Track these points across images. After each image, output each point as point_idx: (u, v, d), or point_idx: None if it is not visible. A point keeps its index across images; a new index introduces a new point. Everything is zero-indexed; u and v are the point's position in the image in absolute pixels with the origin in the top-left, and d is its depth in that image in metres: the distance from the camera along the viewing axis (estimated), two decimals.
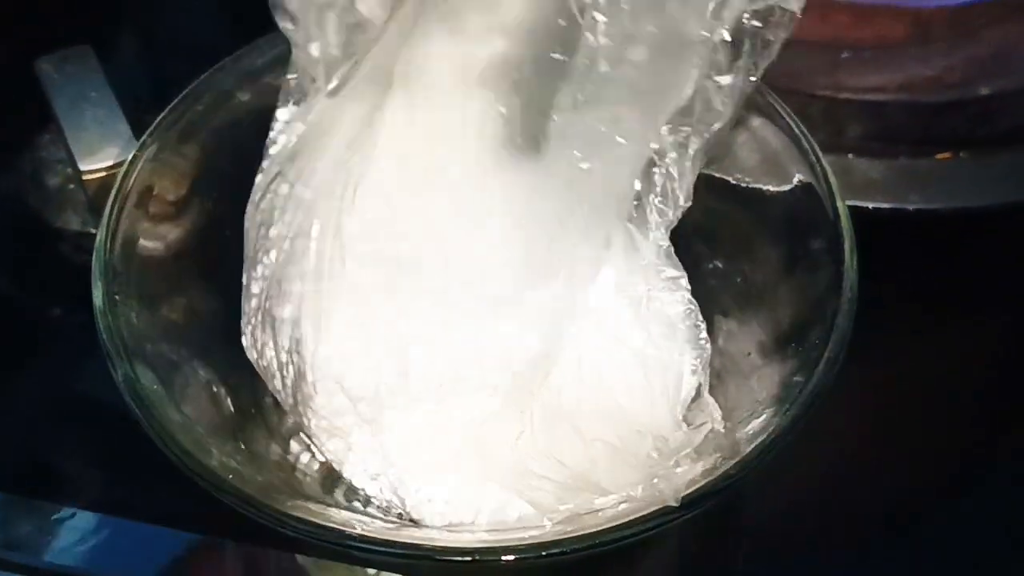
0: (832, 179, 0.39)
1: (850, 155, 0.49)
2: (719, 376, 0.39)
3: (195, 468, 0.33)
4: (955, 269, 0.48)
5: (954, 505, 0.43)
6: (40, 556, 0.40)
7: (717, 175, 0.42)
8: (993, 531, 0.42)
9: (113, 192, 0.39)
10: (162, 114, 0.41)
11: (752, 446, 0.33)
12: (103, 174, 0.47)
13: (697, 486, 0.33)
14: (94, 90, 0.50)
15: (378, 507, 0.38)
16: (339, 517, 0.35)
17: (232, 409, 0.39)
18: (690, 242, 0.42)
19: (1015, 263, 0.48)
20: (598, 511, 0.34)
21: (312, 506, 0.35)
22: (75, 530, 0.40)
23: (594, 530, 0.32)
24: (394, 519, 0.37)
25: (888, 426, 0.44)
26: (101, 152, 0.48)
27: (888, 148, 0.50)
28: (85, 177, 0.47)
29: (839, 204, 0.38)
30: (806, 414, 0.34)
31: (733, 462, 0.33)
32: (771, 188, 0.41)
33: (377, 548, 0.32)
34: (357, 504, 0.38)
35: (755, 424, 0.35)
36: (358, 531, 0.32)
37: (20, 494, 0.42)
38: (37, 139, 0.51)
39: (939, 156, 0.50)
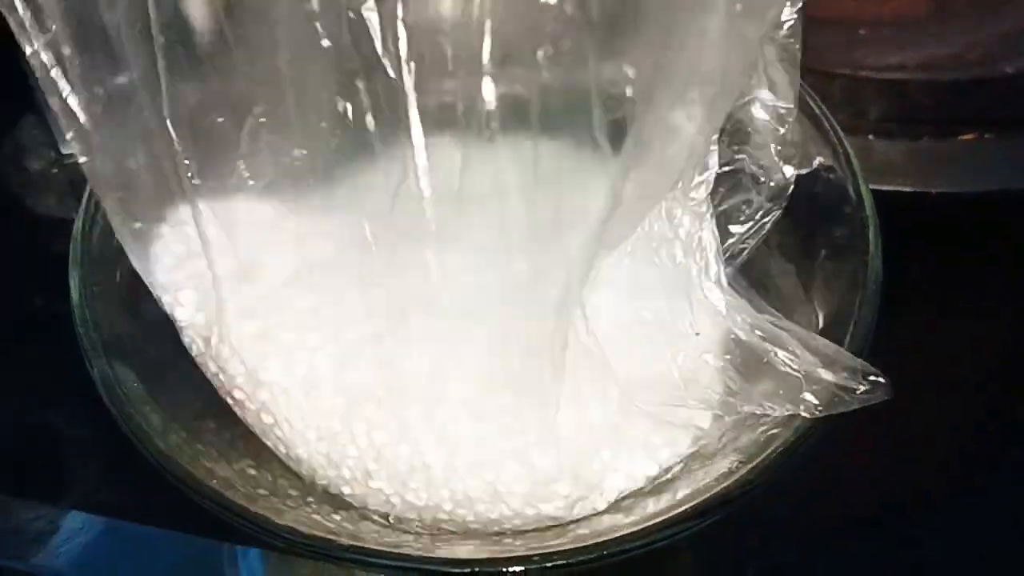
0: (855, 161, 0.37)
1: (870, 136, 0.48)
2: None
3: (175, 472, 0.31)
4: (980, 256, 0.47)
5: (961, 499, 0.42)
6: (27, 559, 0.39)
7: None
8: (1000, 525, 0.41)
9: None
10: None
11: (772, 448, 0.31)
12: None
13: (712, 492, 0.31)
14: None
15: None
16: (334, 521, 0.33)
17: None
18: None
19: None
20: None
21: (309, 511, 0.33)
22: (66, 531, 0.39)
23: (601, 540, 0.30)
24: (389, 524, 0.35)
25: (903, 416, 0.43)
26: None
27: (909, 129, 0.48)
28: (68, 161, 0.46)
29: (862, 188, 0.36)
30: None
31: (750, 466, 0.31)
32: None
33: (371, 560, 0.30)
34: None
35: (773, 425, 0.33)
36: (349, 542, 0.30)
37: (7, 494, 0.40)
38: (19, 122, 0.49)
39: (962, 137, 0.48)
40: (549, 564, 0.30)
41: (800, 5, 0.34)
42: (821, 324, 0.35)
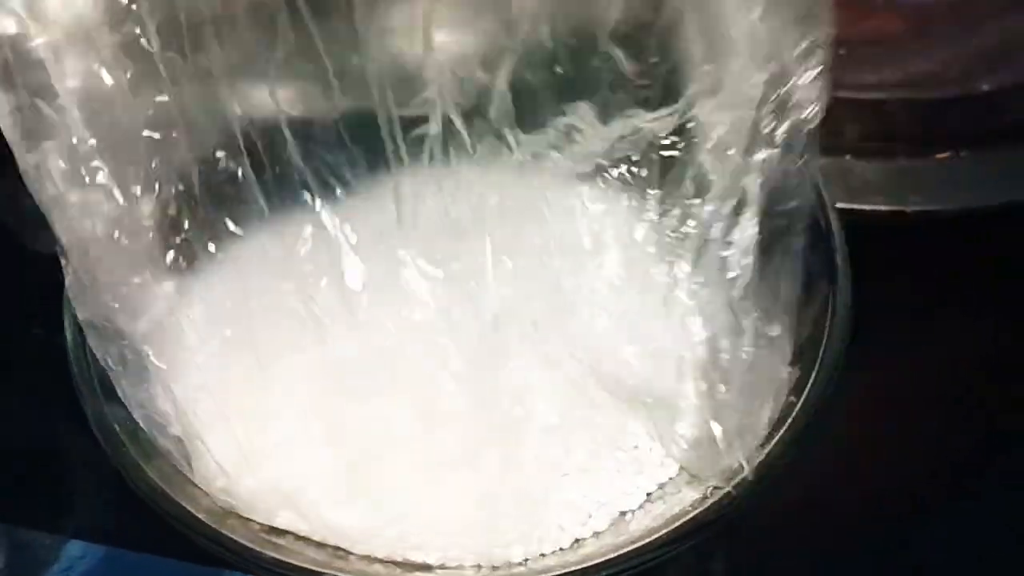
0: (823, 190, 0.37)
1: (848, 156, 0.48)
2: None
3: (169, 510, 0.31)
4: (956, 272, 0.47)
5: (953, 503, 0.42)
6: None
7: None
8: (990, 528, 0.41)
9: None
10: None
11: (745, 472, 0.32)
12: None
13: (690, 516, 0.32)
14: None
15: None
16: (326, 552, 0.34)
17: None
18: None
19: (1018, 264, 0.47)
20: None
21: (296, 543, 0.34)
22: (67, 560, 0.40)
23: (584, 566, 0.31)
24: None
25: (886, 430, 0.43)
26: None
27: (886, 148, 0.48)
28: None
29: (831, 215, 0.37)
30: (801, 438, 0.33)
31: (725, 490, 0.32)
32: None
33: None
34: None
35: (749, 449, 0.34)
36: (335, 573, 0.30)
37: (8, 522, 0.41)
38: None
39: (938, 155, 0.48)
40: None
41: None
42: (792, 351, 0.36)
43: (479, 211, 0.41)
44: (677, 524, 0.32)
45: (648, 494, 0.36)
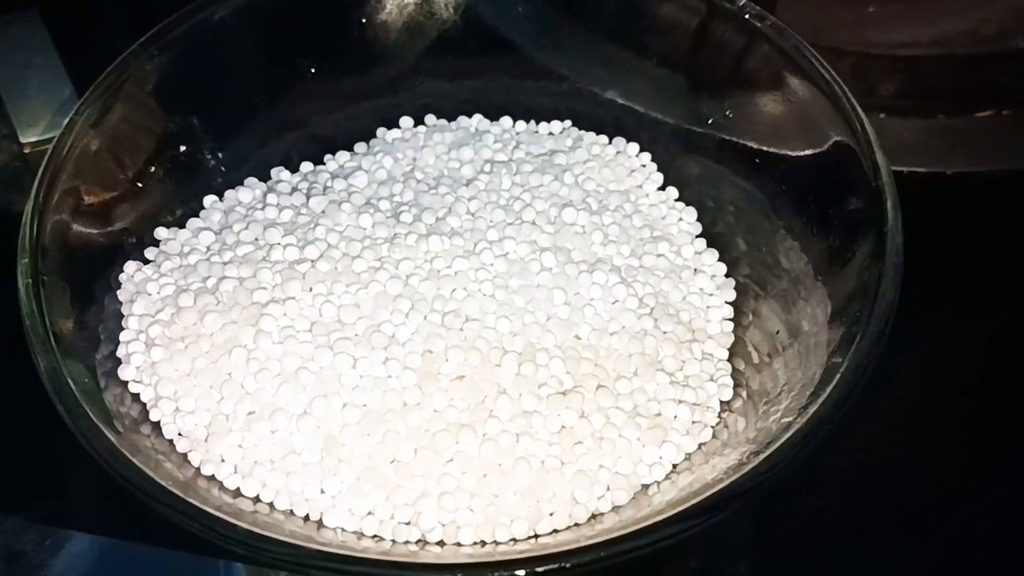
0: (869, 129, 0.34)
1: (882, 115, 0.45)
2: (746, 359, 0.35)
3: (124, 474, 0.28)
4: (1002, 238, 0.43)
5: (972, 500, 0.38)
6: None
7: (735, 140, 0.39)
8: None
9: (45, 160, 0.35)
10: (105, 72, 0.37)
11: (784, 438, 0.28)
12: (48, 147, 0.42)
13: (722, 485, 0.28)
14: (39, 55, 0.45)
15: None
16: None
17: None
18: (708, 210, 0.39)
19: None
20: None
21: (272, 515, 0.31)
22: (67, 554, 0.36)
23: (604, 539, 0.27)
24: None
25: (920, 415, 0.40)
26: (45, 123, 0.43)
27: (923, 107, 0.46)
28: (28, 151, 0.43)
29: (878, 157, 0.33)
30: (847, 399, 0.29)
31: (762, 457, 0.28)
32: (800, 146, 0.37)
33: (345, 567, 0.27)
34: None
35: (787, 413, 0.30)
36: (317, 548, 0.27)
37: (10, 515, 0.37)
38: None
39: (980, 114, 0.46)
40: (541, 568, 0.27)
41: None
42: (835, 305, 0.33)
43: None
44: (706, 495, 0.28)
45: (674, 466, 0.33)
